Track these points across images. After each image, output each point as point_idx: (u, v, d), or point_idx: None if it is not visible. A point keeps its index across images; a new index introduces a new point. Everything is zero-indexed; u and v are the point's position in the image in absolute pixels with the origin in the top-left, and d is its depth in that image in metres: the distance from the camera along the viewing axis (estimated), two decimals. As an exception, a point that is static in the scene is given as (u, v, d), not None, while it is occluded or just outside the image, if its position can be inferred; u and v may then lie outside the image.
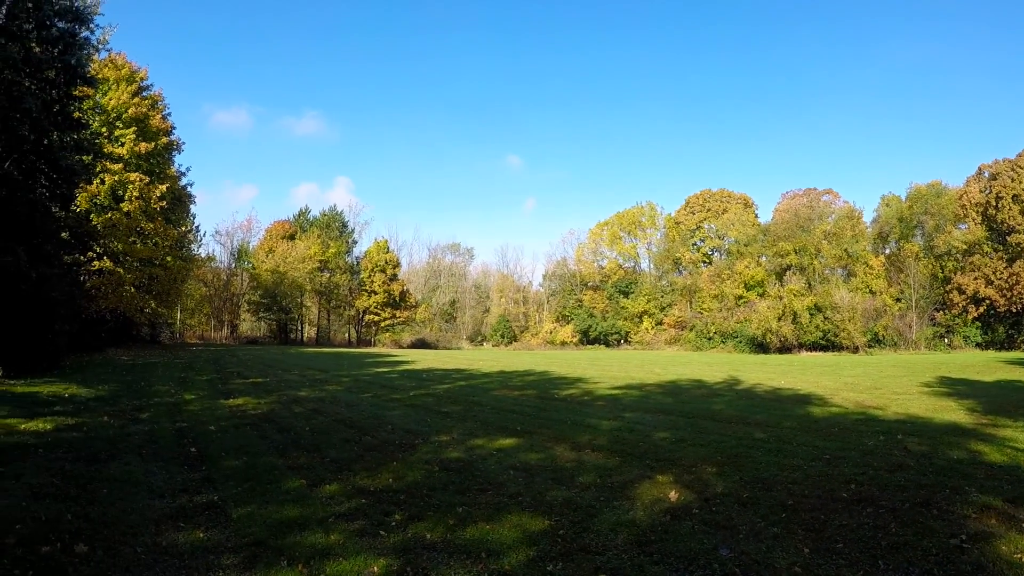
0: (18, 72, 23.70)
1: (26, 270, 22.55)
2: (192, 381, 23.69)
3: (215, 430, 13.17)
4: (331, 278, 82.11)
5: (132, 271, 44.21)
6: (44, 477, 8.92)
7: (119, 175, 42.24)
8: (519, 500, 8.14)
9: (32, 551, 6.17)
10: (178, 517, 7.49)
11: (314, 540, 6.67)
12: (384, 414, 15.76)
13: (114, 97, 42.76)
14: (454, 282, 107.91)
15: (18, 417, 13.63)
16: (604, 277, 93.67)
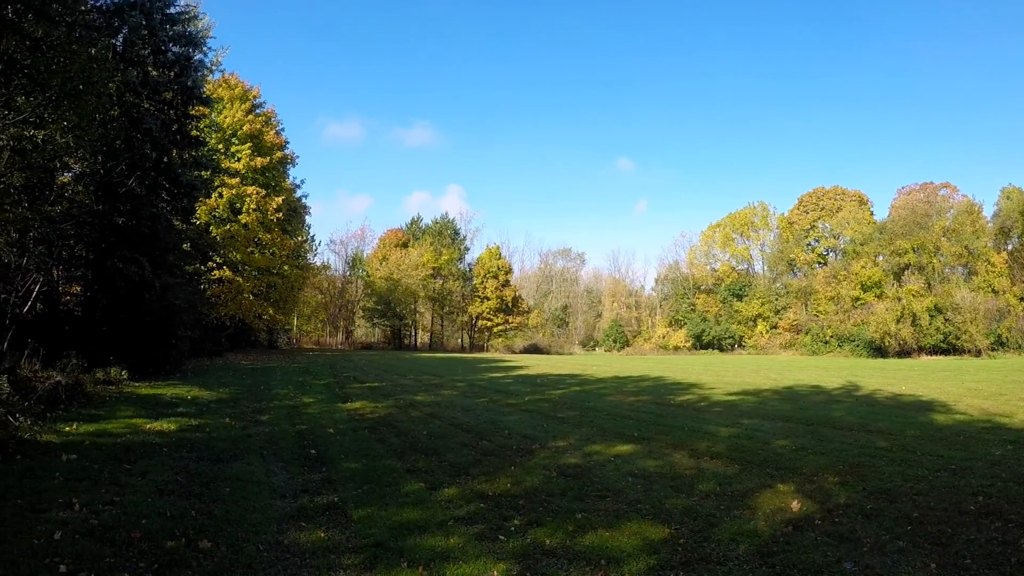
0: (138, 95, 25.44)
1: (150, 279, 24.00)
2: (310, 385, 24.28)
3: (334, 433, 13.51)
4: (444, 285, 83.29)
5: (251, 279, 46.40)
6: (169, 475, 9.36)
7: (236, 189, 44.56)
8: (638, 507, 8.08)
9: (157, 545, 6.46)
10: (299, 517, 7.70)
11: (434, 543, 6.75)
12: (500, 419, 15.81)
13: (229, 115, 45.20)
14: (566, 287, 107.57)
15: (144, 418, 14.32)
16: (717, 280, 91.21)
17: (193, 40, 28.01)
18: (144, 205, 25.11)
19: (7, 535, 6.45)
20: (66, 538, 6.47)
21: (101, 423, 13.39)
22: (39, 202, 17.48)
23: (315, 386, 24.00)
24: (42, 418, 12.86)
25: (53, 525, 6.81)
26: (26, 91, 15.20)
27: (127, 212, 23.90)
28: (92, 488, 8.40)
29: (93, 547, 6.31)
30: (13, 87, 14.79)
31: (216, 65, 38.54)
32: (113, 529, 6.83)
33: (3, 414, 11.33)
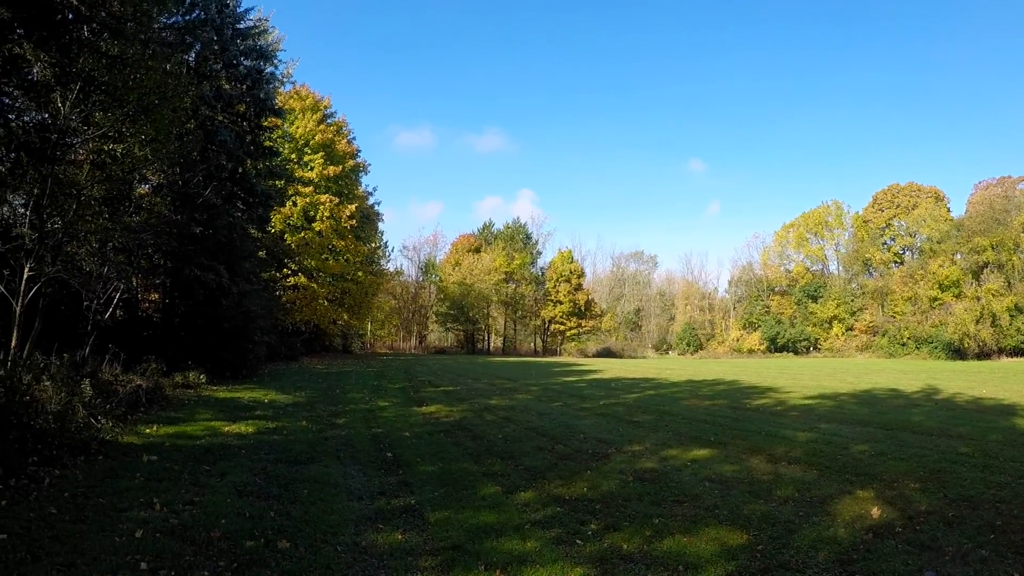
0: (212, 108, 26.35)
1: (228, 286, 24.77)
2: (385, 389, 24.55)
3: (410, 436, 13.62)
4: (516, 289, 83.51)
5: (325, 286, 47.49)
6: (247, 476, 9.58)
7: (310, 197, 45.59)
8: (716, 513, 7.99)
9: (237, 544, 6.63)
10: (376, 519, 7.77)
11: (511, 546, 6.76)
12: (575, 423, 15.72)
13: (301, 125, 46.29)
14: (638, 290, 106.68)
15: (222, 420, 14.73)
16: (791, 281, 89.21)
17: (264, 53, 28.89)
18: (220, 214, 25.90)
19: (90, 532, 6.70)
20: (147, 536, 6.68)
21: (180, 425, 13.80)
22: (119, 213, 18.16)
23: (390, 390, 24.22)
24: (123, 420, 13.35)
25: (134, 523, 7.04)
26: (104, 107, 15.82)
27: (204, 221, 24.69)
28: (172, 488, 8.67)
29: (173, 545, 6.50)
30: (92, 103, 15.41)
31: (287, 77, 39.85)
32: (193, 528, 7.03)
33: (86, 416, 11.76)
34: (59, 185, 14.73)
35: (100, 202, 16.65)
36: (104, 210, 17.10)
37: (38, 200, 14.45)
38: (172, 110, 18.02)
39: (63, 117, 14.61)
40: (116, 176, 17.69)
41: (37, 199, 14.45)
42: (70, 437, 10.41)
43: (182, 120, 21.14)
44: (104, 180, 17.10)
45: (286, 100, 43.72)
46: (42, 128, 15.72)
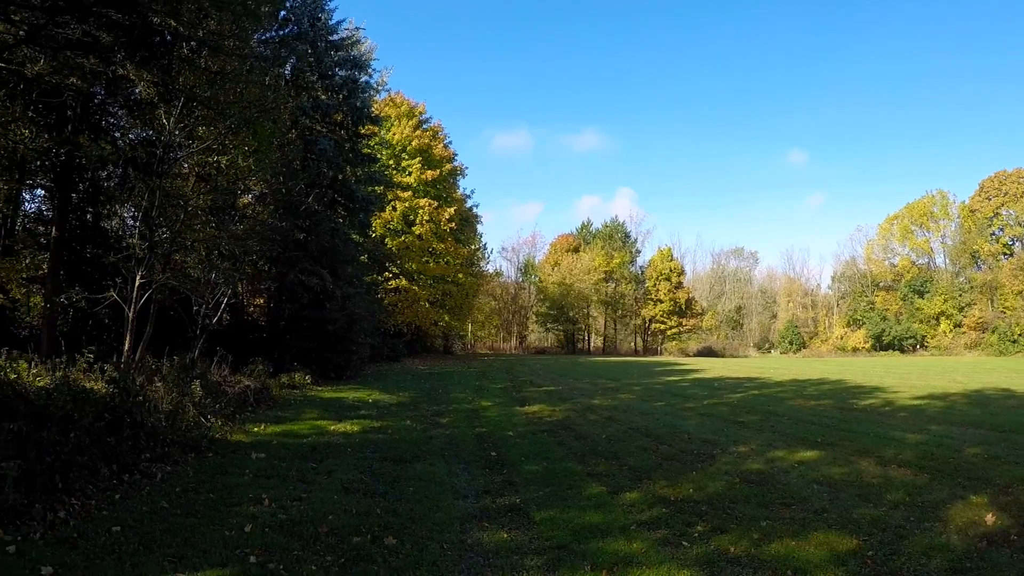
0: (311, 118, 27.27)
1: (331, 289, 25.53)
2: (487, 389, 24.76)
3: (513, 435, 13.71)
4: (616, 288, 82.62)
5: (426, 288, 48.21)
6: (354, 474, 9.82)
7: (409, 202, 46.42)
8: (824, 517, 7.82)
9: (344, 540, 6.80)
10: (482, 517, 7.85)
11: (616, 547, 6.70)
12: (679, 423, 15.56)
13: (397, 132, 47.15)
14: (739, 287, 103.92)
15: (328, 420, 15.16)
16: (896, 276, 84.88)
17: (358, 63, 29.71)
18: (322, 220, 26.73)
19: (200, 526, 6.99)
20: (256, 531, 6.92)
21: (287, 424, 14.28)
22: (225, 222, 18.99)
23: (492, 390, 24.38)
24: (232, 419, 13.92)
25: (244, 518, 7.31)
26: (207, 121, 16.58)
27: (307, 228, 25.52)
28: (280, 485, 8.96)
29: (282, 540, 6.71)
30: (195, 118, 16.17)
31: (382, 85, 40.86)
32: (301, 524, 7.24)
33: (196, 415, 12.35)
34: (167, 197, 15.52)
35: (206, 212, 17.43)
36: (211, 219, 17.90)
37: (147, 212, 15.26)
38: (272, 121, 18.76)
39: (168, 132, 15.38)
40: (221, 186, 18.50)
41: (146, 211, 15.26)
42: (181, 435, 10.93)
43: (283, 131, 21.99)
44: (210, 191, 17.91)
45: (382, 108, 44.59)
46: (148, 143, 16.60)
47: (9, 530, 6.33)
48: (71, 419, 8.43)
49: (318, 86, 27.92)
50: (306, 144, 26.79)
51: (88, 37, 12.50)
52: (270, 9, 17.60)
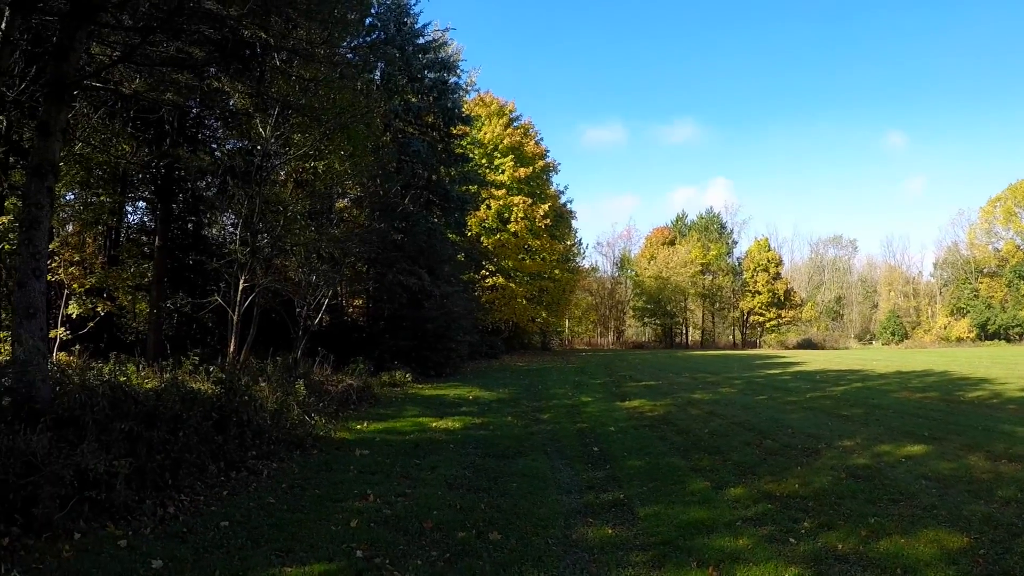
0: (403, 120, 27.73)
1: (429, 288, 25.93)
2: (586, 384, 24.44)
3: (615, 431, 13.51)
4: (713, 280, 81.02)
5: (523, 285, 48.38)
6: (457, 470, 9.86)
7: (503, 199, 46.75)
8: (934, 513, 7.54)
9: (448, 535, 6.83)
10: (586, 513, 7.78)
11: (722, 543, 6.60)
12: (782, 417, 15.22)
13: (488, 131, 47.57)
14: (838, 277, 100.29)
15: (429, 417, 15.30)
16: (1000, 261, 79.47)
17: (446, 65, 30.07)
18: (419, 221, 27.19)
19: (307, 521, 7.15)
20: (362, 526, 7.02)
21: (389, 422, 14.49)
22: (323, 225, 19.50)
23: (591, 385, 24.10)
24: (335, 417, 14.24)
25: (349, 514, 7.41)
26: (301, 128, 17.03)
27: (403, 228, 25.99)
28: (384, 481, 9.07)
29: (387, 535, 6.78)
30: (289, 126, 16.63)
31: (471, 85, 41.17)
32: (406, 519, 7.30)
33: (300, 414, 12.69)
34: (266, 203, 16.02)
35: (305, 216, 17.92)
36: (310, 223, 18.39)
37: (247, 218, 15.79)
38: (366, 125, 19.12)
39: (265, 141, 15.86)
40: (319, 191, 18.99)
41: (246, 218, 15.80)
42: (286, 433, 11.25)
43: (376, 134, 22.42)
44: (307, 196, 18.40)
45: (472, 108, 44.94)
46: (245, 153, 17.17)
47: (120, 525, 6.61)
48: (180, 419, 8.78)
49: (408, 89, 28.37)
50: (400, 146, 27.23)
51: (182, 53, 13.02)
52: (357, 16, 17.94)
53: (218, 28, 12.36)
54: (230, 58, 13.82)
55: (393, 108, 25.79)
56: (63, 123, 8.83)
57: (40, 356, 7.85)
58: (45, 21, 11.95)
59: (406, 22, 28.03)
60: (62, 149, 9.19)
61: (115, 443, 7.42)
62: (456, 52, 32.05)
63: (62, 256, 17.59)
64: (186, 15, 10.76)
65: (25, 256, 8.18)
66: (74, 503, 6.53)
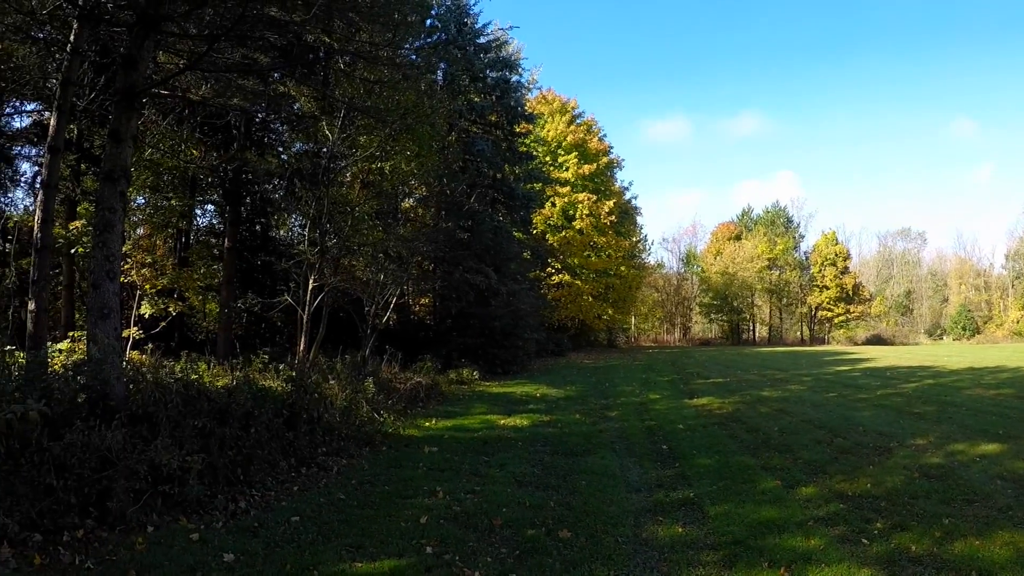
0: (467, 120, 27.85)
1: (496, 286, 25.99)
2: (654, 382, 24.24)
3: (683, 428, 13.40)
4: (780, 275, 79.23)
5: (589, 282, 48.12)
6: (526, 467, 9.87)
7: (568, 197, 46.61)
8: (1009, 515, 7.35)
9: (518, 532, 6.86)
10: (655, 511, 7.74)
11: (794, 543, 6.54)
12: (853, 415, 14.97)
13: (551, 128, 47.46)
14: (907, 271, 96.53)
15: (497, 414, 15.36)
16: None
17: (508, 64, 30.09)
18: (484, 219, 27.29)
19: (377, 517, 7.22)
20: (431, 522, 7.06)
21: (457, 419, 14.58)
22: (390, 225, 19.70)
23: (659, 383, 23.88)
24: (403, 415, 14.39)
25: (419, 510, 7.48)
26: (367, 130, 17.25)
27: (469, 227, 26.13)
28: (453, 478, 9.13)
29: (457, 531, 6.82)
30: (355, 128, 16.84)
31: (532, 83, 41.19)
32: (475, 516, 7.33)
33: (369, 411, 12.86)
34: (334, 204, 16.25)
35: (372, 216, 18.13)
36: (377, 223, 18.61)
37: (315, 219, 16.05)
38: (431, 126, 19.27)
39: (331, 143, 16.09)
40: (385, 191, 19.19)
41: (314, 219, 16.05)
42: (355, 430, 11.41)
43: (441, 134, 22.59)
44: (374, 196, 18.62)
45: (534, 106, 44.80)
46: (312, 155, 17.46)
47: (192, 519, 6.79)
48: (251, 415, 8.97)
49: (471, 88, 28.52)
50: (465, 146, 27.42)
51: (247, 59, 13.30)
52: (417, 18, 18.08)
53: (282, 34, 12.58)
54: (295, 63, 14.07)
55: (457, 108, 25.93)
56: (134, 130, 9.09)
57: (115, 355, 8.09)
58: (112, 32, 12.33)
59: (466, 22, 28.16)
60: (133, 155, 9.43)
61: (188, 439, 7.62)
62: (517, 50, 32.03)
63: (134, 258, 18.23)
64: (250, 22, 10.96)
65: (99, 259, 8.44)
66: (147, 497, 6.73)
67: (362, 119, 16.92)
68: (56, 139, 10.33)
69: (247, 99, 15.39)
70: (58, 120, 10.28)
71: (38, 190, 11.55)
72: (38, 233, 10.10)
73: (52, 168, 10.40)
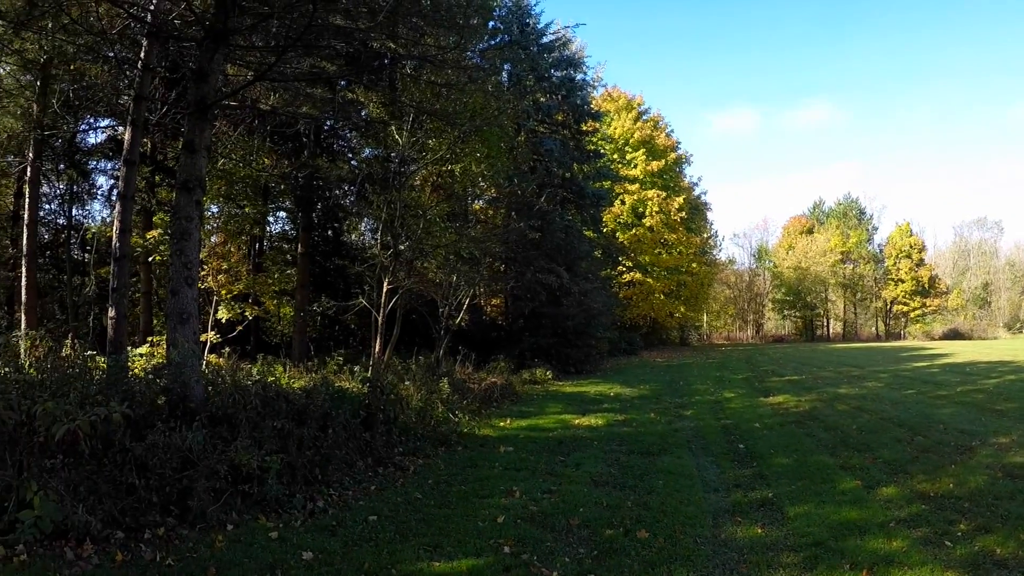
0: (535, 120, 27.86)
1: (568, 286, 25.92)
2: (728, 380, 23.98)
3: (760, 427, 13.24)
4: (854, 269, 76.98)
5: (660, 280, 47.62)
6: (602, 467, 9.82)
7: (637, 194, 46.29)
8: None
9: (595, 533, 6.82)
10: (734, 512, 7.67)
11: (875, 545, 6.40)
12: (933, 412, 14.54)
13: (618, 126, 47.24)
14: (984, 262, 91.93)
15: (571, 414, 15.34)
16: None
17: (572, 62, 30.10)
18: (555, 219, 27.29)
19: (454, 516, 7.25)
20: (508, 522, 7.05)
21: (532, 419, 14.57)
22: (462, 227, 19.81)
23: (733, 381, 23.60)
24: (478, 415, 14.47)
25: (496, 510, 7.49)
26: (436, 133, 17.40)
27: (540, 227, 26.10)
28: (529, 477, 9.11)
29: (534, 531, 6.79)
30: (424, 132, 17.00)
31: (597, 81, 40.94)
32: (552, 516, 7.30)
33: (444, 412, 12.95)
34: (405, 208, 16.43)
35: (444, 219, 18.27)
36: (449, 226, 18.76)
37: (387, 223, 16.24)
38: (499, 127, 19.34)
39: (400, 147, 16.27)
40: (456, 193, 19.31)
41: (386, 222, 16.24)
42: (431, 430, 11.52)
43: (510, 135, 22.66)
44: (445, 198, 18.76)
45: (600, 103, 44.78)
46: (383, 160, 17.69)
47: (271, 518, 6.90)
48: (329, 416, 9.10)
49: (536, 88, 28.55)
50: (533, 146, 27.42)
51: (315, 68, 13.52)
52: (480, 21, 18.15)
53: (348, 42, 12.76)
54: (362, 70, 14.27)
55: (524, 108, 25.97)
56: (207, 141, 9.33)
57: (194, 358, 8.30)
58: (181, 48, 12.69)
59: (528, 23, 28.27)
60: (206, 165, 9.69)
61: (267, 440, 7.77)
62: (580, 49, 32.05)
63: (210, 265, 18.78)
64: (316, 32, 11.13)
65: (177, 266, 8.68)
66: (227, 496, 6.87)
67: (431, 122, 17.09)
68: (131, 152, 10.72)
69: (316, 107, 15.69)
70: (132, 134, 10.66)
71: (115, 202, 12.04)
72: (116, 243, 10.50)
73: (128, 180, 10.79)
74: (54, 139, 18.16)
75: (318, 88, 14.92)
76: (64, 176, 21.74)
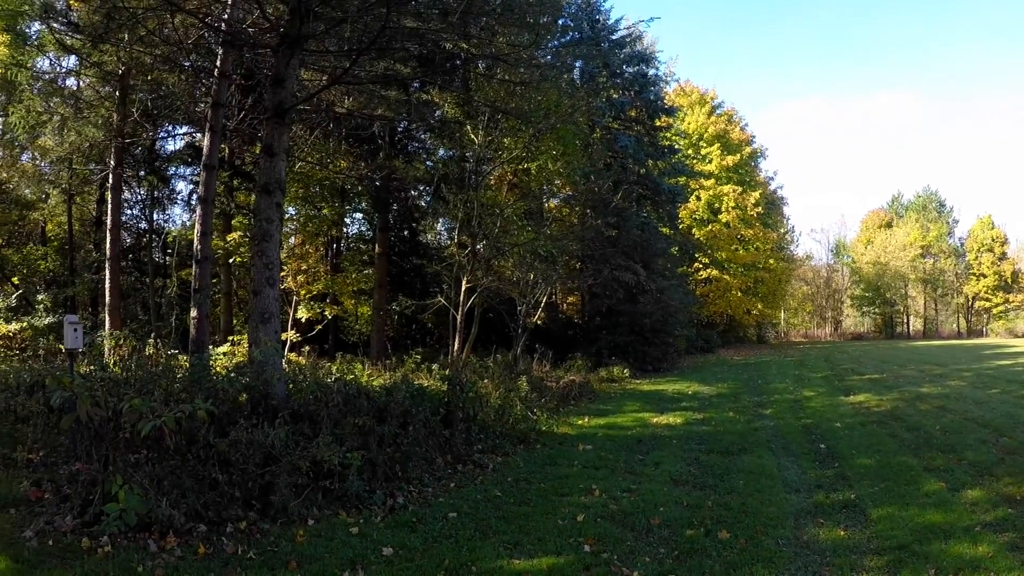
0: (609, 117, 27.70)
1: (645, 283, 25.65)
2: (807, 378, 23.50)
3: (841, 427, 13.01)
4: (934, 264, 73.76)
5: (737, 276, 46.73)
6: (681, 466, 9.73)
7: (712, 190, 45.48)
8: None
9: (676, 532, 6.78)
10: (816, 513, 7.56)
11: (960, 550, 6.23)
12: (1018, 412, 14.06)
13: (692, 121, 46.57)
14: None
15: (649, 412, 15.25)
16: None
17: (644, 58, 29.88)
18: (631, 216, 27.06)
19: (533, 514, 7.24)
20: (588, 520, 7.01)
21: (610, 417, 14.50)
22: (538, 225, 19.81)
23: (813, 379, 23.12)
24: (556, 412, 14.41)
25: (575, 508, 7.46)
26: (511, 132, 17.42)
27: (616, 224, 25.87)
28: (609, 476, 9.05)
29: (614, 530, 6.75)
30: (499, 131, 17.04)
31: (670, 75, 40.53)
32: (632, 515, 7.25)
33: (523, 409, 12.90)
34: (482, 207, 16.50)
35: (521, 217, 18.29)
36: (526, 224, 18.77)
37: (464, 222, 16.34)
38: (574, 124, 19.29)
39: (476, 146, 16.34)
40: (532, 191, 19.30)
41: (463, 222, 16.35)
42: (509, 428, 11.50)
43: (584, 132, 22.58)
44: (521, 197, 18.77)
45: (673, 98, 44.25)
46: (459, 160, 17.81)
47: (352, 513, 6.98)
48: (409, 414, 9.16)
49: (609, 85, 28.42)
50: (607, 143, 27.29)
51: (389, 71, 13.67)
52: (550, 19, 18.12)
53: (421, 43, 12.84)
54: (435, 71, 14.34)
55: (598, 105, 25.83)
56: (285, 144, 9.55)
57: (276, 356, 8.49)
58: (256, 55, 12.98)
59: (598, 20, 28.17)
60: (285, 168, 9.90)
61: (348, 436, 7.88)
62: (652, 44, 31.74)
63: (290, 266, 19.27)
64: (389, 35, 11.23)
65: (259, 267, 8.88)
66: (308, 492, 6.98)
67: (506, 121, 17.14)
68: (211, 157, 11.03)
69: (391, 109, 15.89)
70: (211, 140, 10.97)
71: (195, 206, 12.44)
72: (198, 245, 10.82)
73: (208, 184, 11.11)
74: (134, 147, 18.98)
75: (392, 90, 15.09)
76: (145, 182, 22.76)
